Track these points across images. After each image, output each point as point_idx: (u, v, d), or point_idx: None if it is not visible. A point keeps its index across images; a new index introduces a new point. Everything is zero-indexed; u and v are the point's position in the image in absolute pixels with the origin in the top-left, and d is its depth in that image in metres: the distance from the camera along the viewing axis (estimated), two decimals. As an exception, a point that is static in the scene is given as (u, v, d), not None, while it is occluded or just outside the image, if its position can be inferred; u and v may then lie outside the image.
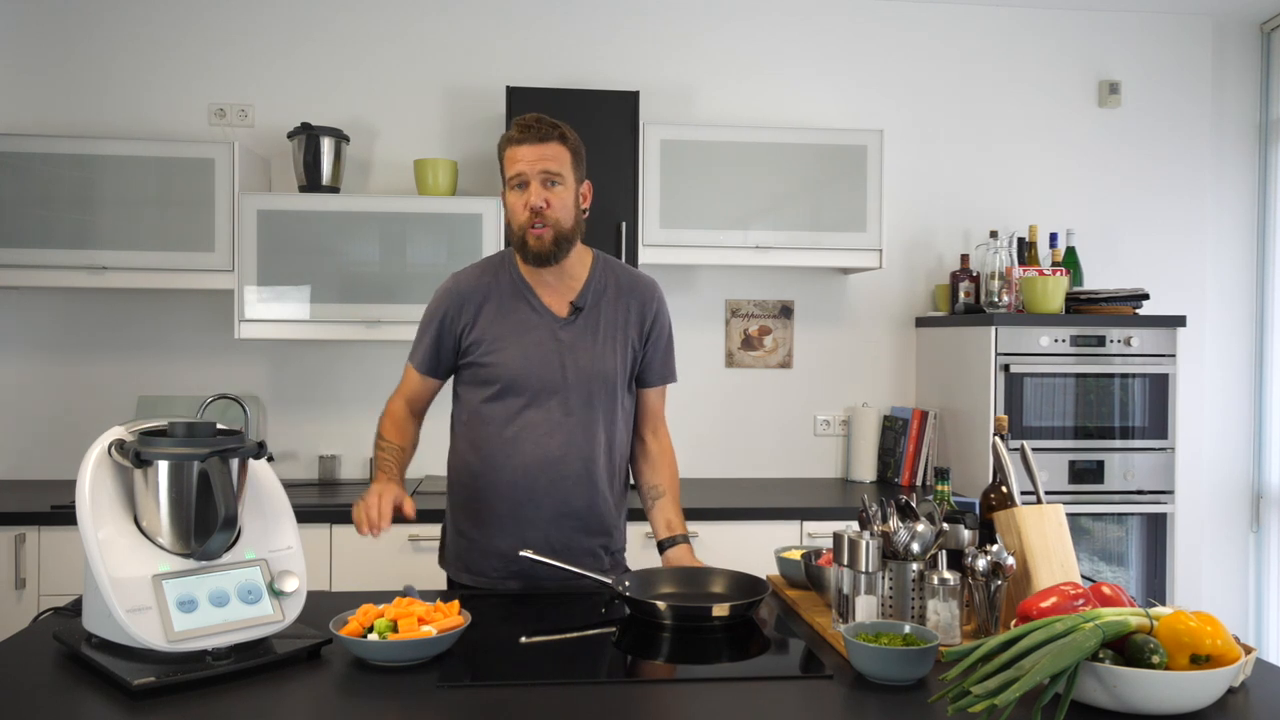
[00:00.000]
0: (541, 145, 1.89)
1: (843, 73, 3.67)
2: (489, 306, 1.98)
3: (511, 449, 1.97)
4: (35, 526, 2.81)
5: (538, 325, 1.98)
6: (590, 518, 2.02)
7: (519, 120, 1.93)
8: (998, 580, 1.59)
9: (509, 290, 2.00)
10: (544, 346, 1.96)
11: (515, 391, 1.96)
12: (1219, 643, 1.26)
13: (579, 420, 1.98)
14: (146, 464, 1.45)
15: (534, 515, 1.98)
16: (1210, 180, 3.81)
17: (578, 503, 2.00)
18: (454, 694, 1.36)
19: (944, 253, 3.70)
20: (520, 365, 1.95)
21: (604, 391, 2.00)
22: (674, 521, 2.07)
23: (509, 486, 1.97)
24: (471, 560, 2.02)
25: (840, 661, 1.51)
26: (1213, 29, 3.80)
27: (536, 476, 1.96)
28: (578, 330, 1.99)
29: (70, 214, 3.05)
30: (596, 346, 1.99)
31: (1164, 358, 3.25)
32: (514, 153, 1.91)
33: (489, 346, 1.96)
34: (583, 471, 1.99)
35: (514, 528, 1.98)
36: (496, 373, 1.96)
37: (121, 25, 3.41)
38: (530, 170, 1.89)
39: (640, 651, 1.60)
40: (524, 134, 1.90)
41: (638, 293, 2.06)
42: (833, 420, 3.69)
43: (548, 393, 1.96)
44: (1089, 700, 1.26)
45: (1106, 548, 3.26)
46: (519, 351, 1.96)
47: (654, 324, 2.07)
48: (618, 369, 2.01)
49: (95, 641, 1.45)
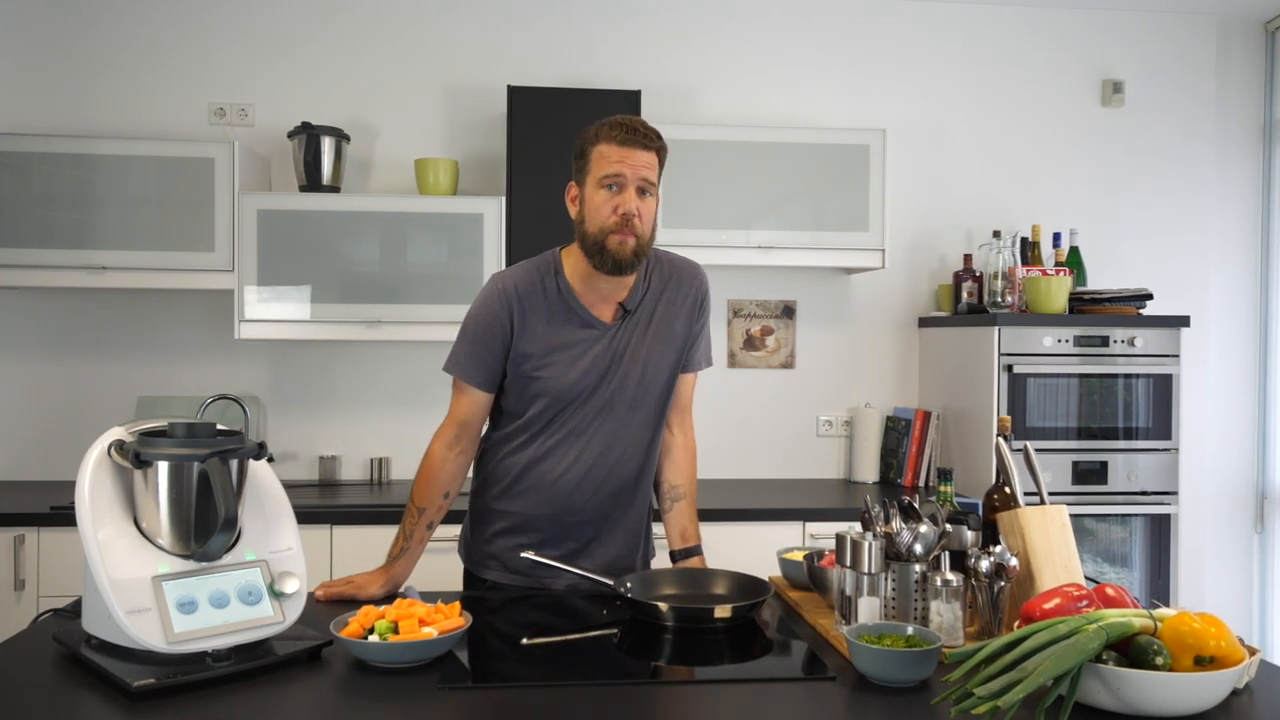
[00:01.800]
0: (643, 152, 1.82)
1: (845, 72, 3.66)
2: (537, 314, 1.89)
3: (554, 457, 1.92)
4: (34, 527, 2.80)
5: (586, 337, 1.90)
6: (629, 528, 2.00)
7: (622, 121, 1.83)
8: (1001, 582, 1.58)
9: (555, 297, 1.91)
10: (594, 358, 1.90)
11: (563, 403, 1.90)
12: (1223, 644, 1.25)
13: (625, 428, 1.93)
14: (146, 465, 1.44)
15: (571, 522, 1.95)
16: (1214, 180, 3.80)
17: (616, 513, 1.97)
18: (455, 696, 1.36)
19: (947, 252, 3.70)
20: (571, 379, 1.88)
21: (651, 394, 1.95)
22: (689, 531, 2.04)
23: (547, 492, 1.93)
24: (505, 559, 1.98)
25: (843, 663, 1.50)
26: (1217, 28, 3.79)
27: (580, 484, 1.93)
28: (626, 334, 1.92)
29: (70, 214, 3.04)
30: (646, 348, 1.93)
31: (1168, 358, 3.24)
32: (613, 152, 1.81)
33: (539, 360, 1.88)
34: (630, 479, 1.96)
35: (549, 532, 1.95)
36: (544, 387, 1.89)
37: (121, 24, 3.40)
38: (630, 174, 1.81)
39: (642, 653, 1.60)
40: (630, 136, 1.81)
41: (684, 280, 1.99)
42: (835, 421, 3.68)
43: (596, 404, 1.91)
44: (1092, 702, 1.25)
45: (1110, 549, 3.25)
46: (568, 365, 1.89)
47: (700, 309, 2.00)
48: (666, 367, 1.96)
49: (95, 643, 1.44)
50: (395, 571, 1.91)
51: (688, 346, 2.00)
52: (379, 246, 3.14)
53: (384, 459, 3.43)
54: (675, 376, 1.99)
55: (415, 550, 1.94)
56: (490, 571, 2.00)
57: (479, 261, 3.13)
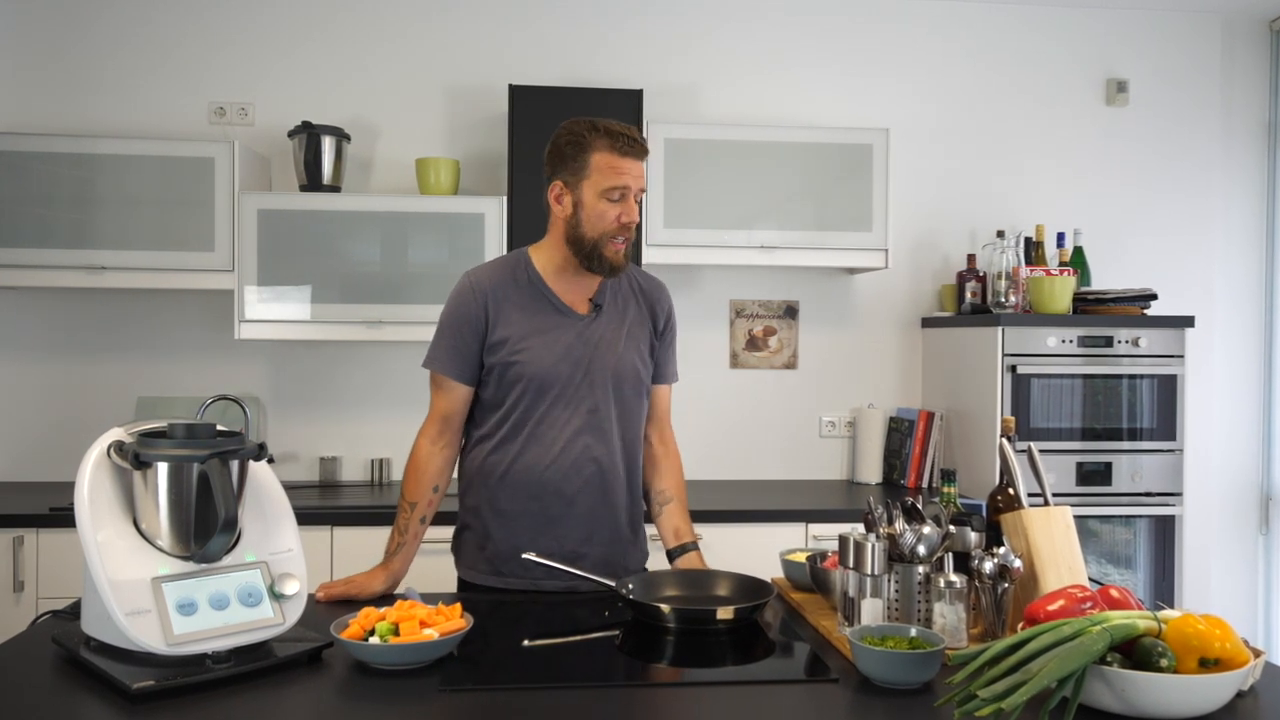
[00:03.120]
0: (639, 162, 1.92)
1: (848, 71, 3.65)
2: (510, 304, 1.96)
3: (537, 447, 1.95)
4: (34, 529, 2.80)
5: (561, 324, 1.96)
6: (617, 517, 2.01)
7: (620, 129, 1.90)
8: (1004, 583, 1.58)
9: (528, 289, 1.98)
10: (569, 344, 1.95)
11: (541, 389, 1.94)
12: (1228, 646, 1.25)
13: (603, 417, 1.97)
14: (146, 466, 1.44)
15: (560, 513, 1.96)
16: (1219, 179, 3.79)
17: (603, 502, 1.99)
18: (456, 698, 1.36)
19: (950, 252, 3.69)
20: (548, 362, 1.93)
21: (628, 389, 2.00)
22: (682, 529, 2.06)
23: (535, 485, 1.95)
24: (500, 562, 1.99)
25: (845, 665, 1.50)
26: (1221, 27, 3.78)
27: (566, 474, 1.95)
28: (601, 328, 1.99)
29: (69, 213, 3.04)
30: (620, 344, 2.00)
31: (1172, 358, 3.23)
32: (617, 163, 1.89)
33: (515, 345, 1.93)
34: (609, 469, 1.98)
35: (540, 527, 1.96)
36: (523, 370, 1.93)
37: (120, 23, 3.40)
38: (635, 186, 1.91)
39: (644, 655, 1.59)
40: (630, 147, 1.89)
41: (651, 292, 2.09)
42: (838, 421, 3.68)
43: (573, 390, 1.95)
44: (1097, 704, 1.25)
45: (1114, 550, 3.24)
46: (545, 349, 1.94)
47: (667, 322, 2.09)
48: (639, 366, 2.02)
49: (94, 645, 1.44)
50: (394, 567, 1.94)
51: (656, 357, 2.08)
52: (380, 246, 3.14)
53: (385, 460, 3.42)
54: (643, 379, 2.05)
55: (411, 545, 1.98)
56: (484, 576, 2.01)
57: (480, 261, 3.10)
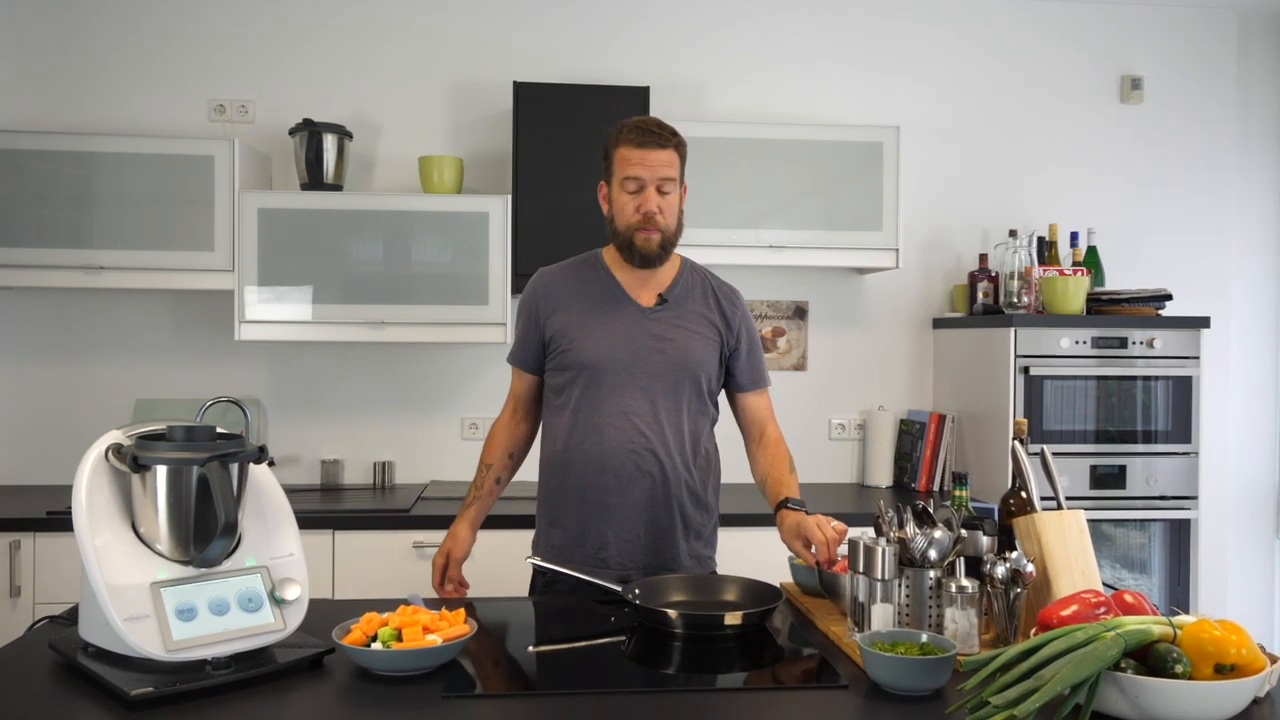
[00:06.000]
0: (660, 152, 1.95)
1: (858, 68, 3.62)
2: (574, 298, 2.03)
3: (596, 436, 1.98)
4: (30, 533, 2.77)
5: (623, 315, 2.01)
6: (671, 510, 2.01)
7: (638, 123, 1.97)
8: (1017, 588, 1.57)
9: (596, 284, 2.05)
10: (629, 334, 1.99)
11: (595, 376, 1.98)
12: (1244, 652, 1.25)
13: (660, 408, 1.99)
14: (144, 469, 1.43)
15: (618, 503, 1.98)
16: (1235, 177, 3.76)
17: (660, 493, 2.00)
18: (460, 704, 1.35)
19: (962, 252, 3.66)
20: (604, 351, 1.98)
21: (691, 381, 2.02)
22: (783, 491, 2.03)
23: (595, 474, 1.98)
24: (568, 551, 2.01)
25: (855, 671, 1.49)
26: (1237, 23, 3.74)
27: (623, 463, 1.97)
28: (666, 320, 2.02)
29: (67, 212, 3.03)
30: (686, 337, 2.02)
31: (1187, 360, 3.20)
32: (631, 155, 1.95)
33: (573, 335, 2.00)
34: (667, 461, 1.99)
35: (594, 514, 1.99)
36: (576, 357, 1.99)
37: (119, 19, 3.38)
38: (649, 176, 1.95)
39: (650, 661, 1.58)
40: (645, 139, 1.95)
41: (724, 293, 2.11)
42: (848, 424, 3.65)
43: (633, 380, 1.98)
44: (1110, 711, 1.25)
45: (1128, 554, 3.21)
46: (601, 337, 1.99)
47: (742, 326, 2.11)
48: (705, 359, 2.04)
49: (92, 650, 1.43)
50: (470, 515, 2.12)
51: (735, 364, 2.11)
52: (382, 246, 3.12)
53: (388, 463, 3.40)
54: (716, 376, 2.09)
55: (486, 500, 2.14)
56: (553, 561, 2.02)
57: (484, 261, 3.11)
